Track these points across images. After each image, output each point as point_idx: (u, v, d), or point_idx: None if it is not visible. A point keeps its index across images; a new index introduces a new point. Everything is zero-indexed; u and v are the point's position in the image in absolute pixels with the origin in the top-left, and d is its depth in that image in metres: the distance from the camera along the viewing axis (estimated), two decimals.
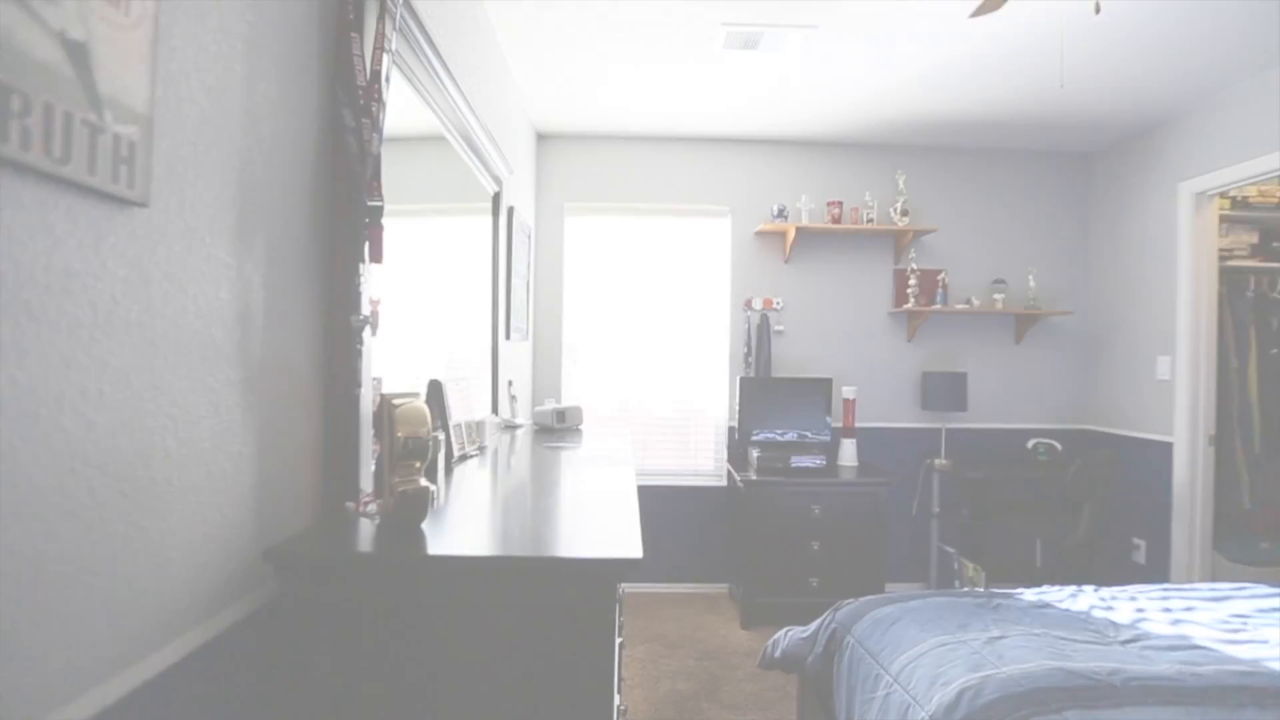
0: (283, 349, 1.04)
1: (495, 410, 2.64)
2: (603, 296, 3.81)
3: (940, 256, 3.78)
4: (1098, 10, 1.70)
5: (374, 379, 1.30)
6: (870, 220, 3.64)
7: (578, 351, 3.81)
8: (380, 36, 1.22)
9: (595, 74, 2.95)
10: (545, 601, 0.95)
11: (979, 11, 1.97)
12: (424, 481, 1.07)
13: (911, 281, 3.61)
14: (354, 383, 1.20)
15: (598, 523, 1.22)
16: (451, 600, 0.96)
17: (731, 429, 3.68)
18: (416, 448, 1.05)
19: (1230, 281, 3.42)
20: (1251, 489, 3.30)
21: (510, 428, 2.71)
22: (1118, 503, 3.49)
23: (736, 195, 3.76)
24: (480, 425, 2.10)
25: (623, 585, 2.05)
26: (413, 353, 1.89)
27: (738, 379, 3.56)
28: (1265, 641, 1.63)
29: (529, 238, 3.42)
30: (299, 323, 1.09)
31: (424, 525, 1.10)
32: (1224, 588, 2.05)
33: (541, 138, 3.75)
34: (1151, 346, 3.40)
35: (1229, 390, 3.29)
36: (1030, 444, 3.70)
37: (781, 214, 3.61)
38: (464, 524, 1.24)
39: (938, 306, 3.61)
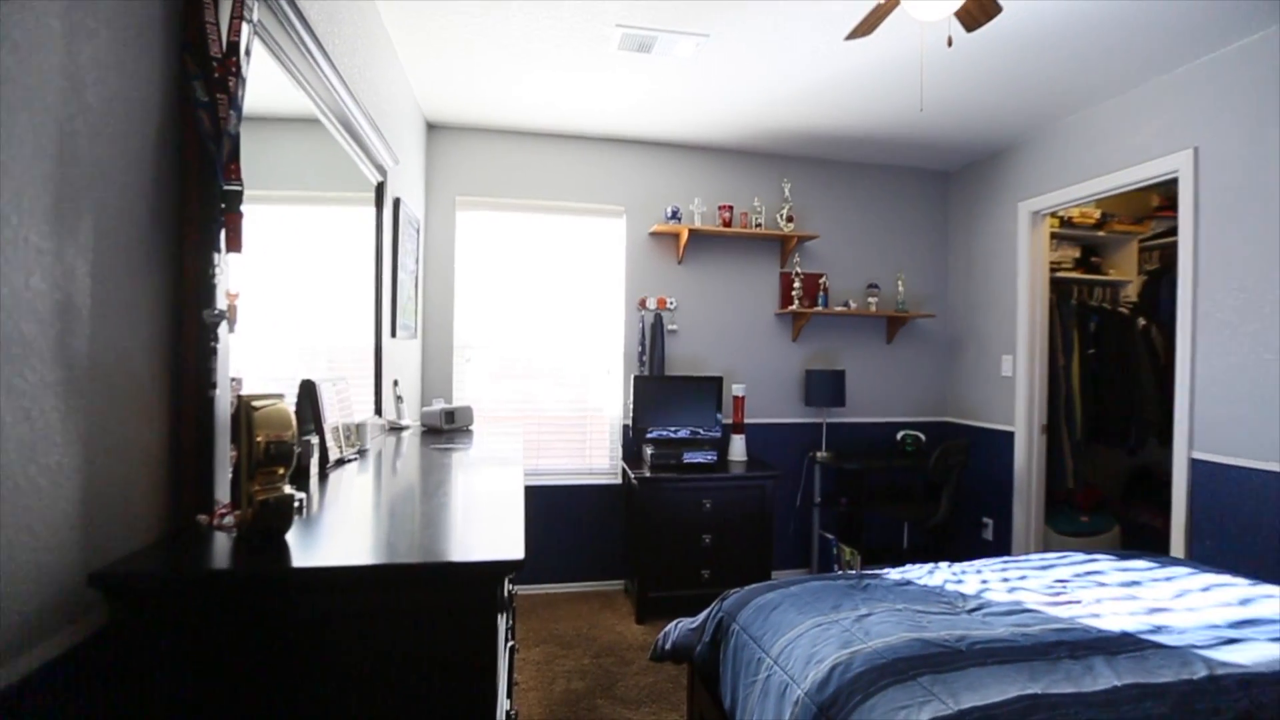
0: (118, 347, 0.93)
1: (379, 412, 2.50)
2: (497, 293, 3.72)
3: (821, 261, 4.03)
4: (950, 43, 1.88)
5: (233, 379, 1.19)
6: (759, 225, 3.81)
7: (470, 350, 3.69)
8: (239, 5, 1.12)
9: (488, 66, 2.87)
10: (422, 609, 0.91)
11: (853, 34, 2.12)
12: (289, 489, 1.00)
13: (796, 284, 3.83)
14: (208, 384, 1.09)
15: (480, 525, 1.19)
16: (321, 614, 0.90)
17: (626, 427, 3.72)
18: (280, 453, 0.97)
19: (1058, 290, 3.91)
20: (1074, 470, 3.79)
21: (396, 429, 2.58)
22: (971, 486, 3.90)
23: (632, 196, 3.80)
24: (361, 427, 1.98)
25: (515, 587, 2.02)
26: (286, 352, 1.76)
27: (632, 377, 3.61)
28: (1079, 601, 1.88)
29: (418, 231, 3.27)
30: (140, 317, 0.98)
31: (290, 536, 1.02)
32: (1050, 557, 2.34)
33: (432, 128, 3.60)
34: (998, 347, 3.81)
35: (1057, 385, 3.76)
36: (899, 436, 4.04)
37: (675, 216, 3.70)
38: (337, 532, 1.16)
39: (819, 308, 3.85)
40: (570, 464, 3.77)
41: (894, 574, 2.13)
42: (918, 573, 2.14)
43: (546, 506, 3.67)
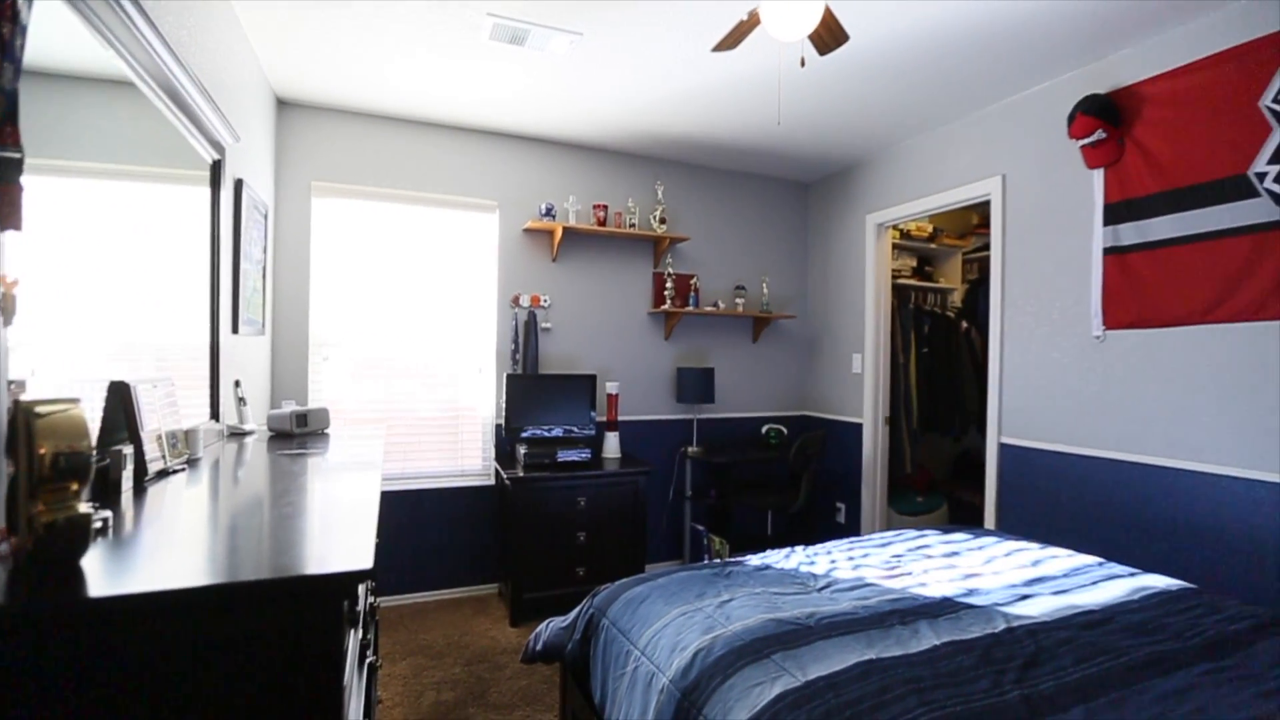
0: None
1: (216, 416, 2.25)
2: (359, 287, 3.49)
3: (692, 263, 4.19)
4: (803, 64, 2.02)
5: (11, 382, 1.01)
6: (633, 225, 3.88)
7: (329, 348, 3.43)
8: None
9: (348, 43, 2.67)
10: (253, 633, 0.83)
11: (719, 47, 2.22)
12: (85, 507, 0.87)
13: (668, 285, 3.94)
14: None
15: (327, 536, 1.11)
16: (131, 650, 0.79)
17: (499, 426, 3.64)
18: (72, 466, 0.84)
19: (899, 295, 4.35)
20: (911, 456, 4.24)
21: (237, 435, 2.34)
22: (826, 475, 4.23)
23: (506, 190, 3.72)
24: (192, 434, 1.77)
25: (377, 599, 1.90)
26: (98, 350, 1.53)
27: (505, 376, 3.53)
28: (910, 573, 2.10)
29: (266, 217, 2.98)
30: None
31: (89, 561, 0.89)
32: (888, 535, 2.60)
33: (284, 105, 3.29)
34: (849, 346, 4.17)
35: (898, 381, 4.19)
36: (764, 429, 4.29)
37: (550, 213, 3.67)
38: (154, 553, 1.03)
39: (690, 308, 4.00)
40: (441, 466, 3.63)
41: (754, 560, 2.26)
42: (776, 557, 2.29)
43: (416, 511, 3.50)
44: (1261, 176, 2.19)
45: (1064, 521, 2.84)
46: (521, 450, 3.38)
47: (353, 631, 1.13)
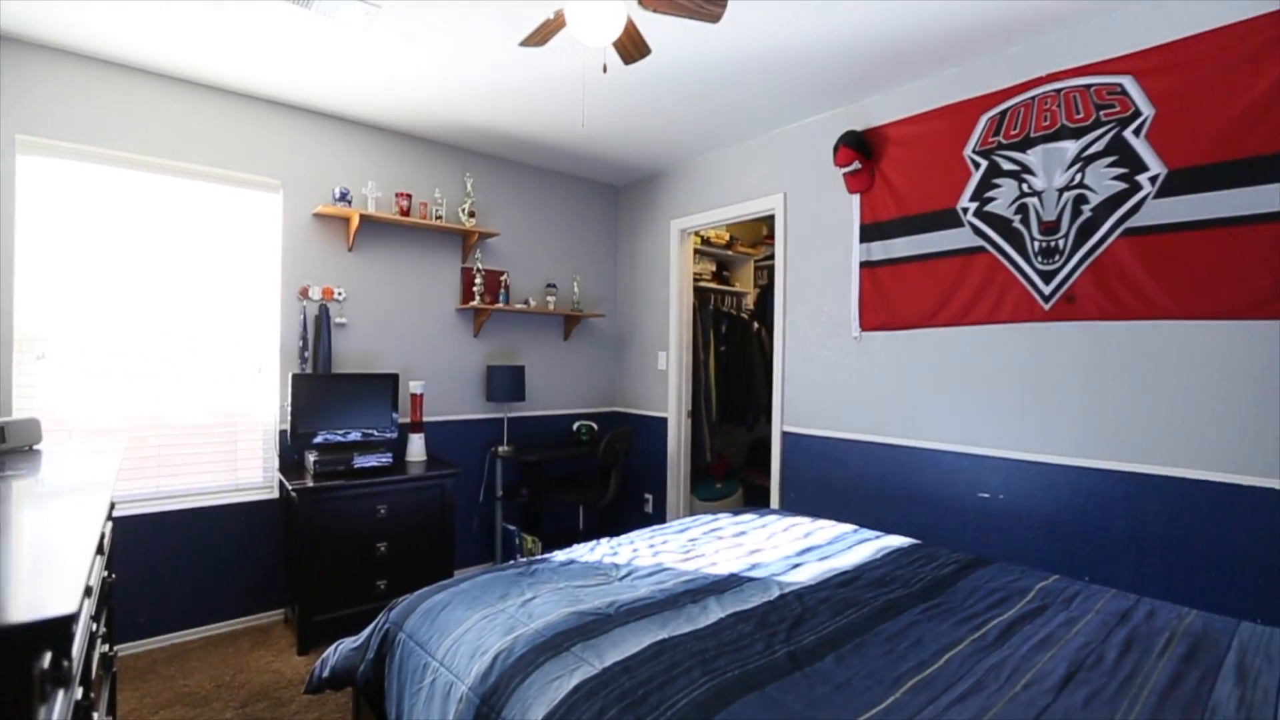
0: None
1: None
2: (94, 271, 2.87)
3: (503, 259, 4.11)
4: (605, 70, 2.08)
5: None
6: (439, 217, 3.70)
7: (45, 344, 2.78)
8: None
9: None
10: None
11: (526, 42, 2.20)
12: None
13: (478, 280, 3.82)
14: None
15: (13, 582, 0.90)
16: None
17: (284, 433, 3.25)
18: None
19: (700, 297, 4.69)
20: (711, 446, 4.60)
21: None
22: (635, 468, 4.42)
23: (291, 169, 3.32)
24: None
25: (113, 648, 1.58)
26: None
27: (290, 376, 3.16)
28: (704, 555, 2.28)
29: None
30: None
31: None
32: (686, 522, 2.80)
33: None
34: (655, 344, 4.39)
35: (699, 377, 4.51)
36: (575, 426, 4.36)
37: (344, 198, 3.35)
38: None
39: (500, 305, 3.91)
40: (211, 480, 3.13)
41: (560, 555, 2.29)
42: (581, 551, 2.33)
43: (179, 535, 2.99)
44: (965, 211, 2.74)
45: (832, 497, 3.28)
46: (311, 458, 3.05)
47: (62, 693, 0.93)
